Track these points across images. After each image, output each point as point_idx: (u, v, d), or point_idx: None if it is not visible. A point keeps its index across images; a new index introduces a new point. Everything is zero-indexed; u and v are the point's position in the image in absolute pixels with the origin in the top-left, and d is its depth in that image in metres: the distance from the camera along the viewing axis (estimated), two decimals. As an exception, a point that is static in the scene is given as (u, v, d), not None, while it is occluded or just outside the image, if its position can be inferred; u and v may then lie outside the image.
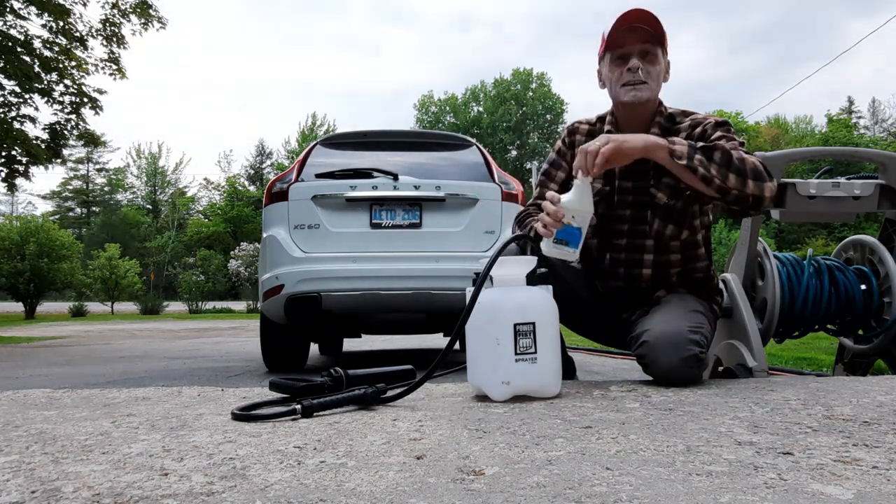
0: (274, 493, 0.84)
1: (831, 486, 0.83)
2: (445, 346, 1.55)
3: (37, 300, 22.46)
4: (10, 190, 11.65)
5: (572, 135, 2.07)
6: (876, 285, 2.34)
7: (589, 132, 2.05)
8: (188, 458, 1.03)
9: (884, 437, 1.10)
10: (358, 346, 6.80)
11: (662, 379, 1.74)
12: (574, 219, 1.63)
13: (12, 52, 9.58)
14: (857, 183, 2.33)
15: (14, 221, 24.94)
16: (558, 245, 1.64)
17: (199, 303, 26.98)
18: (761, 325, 2.32)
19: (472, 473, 0.91)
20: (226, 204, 45.74)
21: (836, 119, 48.12)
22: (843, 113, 49.99)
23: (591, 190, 1.66)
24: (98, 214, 50.96)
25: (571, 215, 1.62)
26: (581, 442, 1.10)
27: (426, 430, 1.21)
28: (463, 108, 51.11)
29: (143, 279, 30.13)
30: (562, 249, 1.65)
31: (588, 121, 2.09)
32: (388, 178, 3.78)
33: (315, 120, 47.70)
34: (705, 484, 0.84)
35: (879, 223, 2.54)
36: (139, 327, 13.38)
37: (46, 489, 0.87)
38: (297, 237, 3.71)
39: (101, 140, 12.15)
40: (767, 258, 2.36)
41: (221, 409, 1.52)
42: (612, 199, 1.96)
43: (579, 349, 5.83)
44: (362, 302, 3.57)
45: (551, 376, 1.55)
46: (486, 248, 3.74)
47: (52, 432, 1.27)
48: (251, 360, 5.07)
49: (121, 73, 10.96)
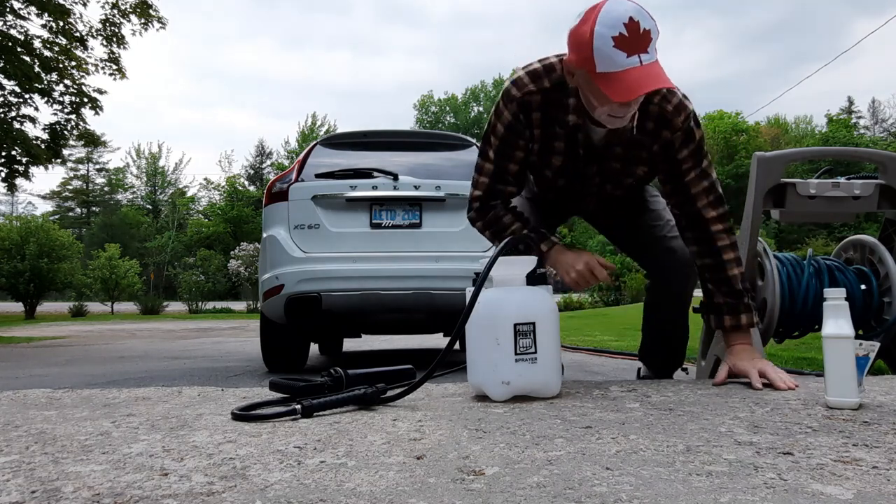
0: (274, 493, 0.84)
1: (831, 486, 0.83)
2: (445, 346, 1.55)
3: (37, 300, 22.46)
4: (10, 190, 11.66)
5: (526, 111, 1.78)
6: (876, 285, 2.34)
7: (545, 103, 1.76)
8: (188, 458, 1.03)
9: (884, 437, 1.10)
10: (358, 346, 6.80)
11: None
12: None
13: (12, 52, 9.59)
14: (857, 183, 2.33)
15: (14, 221, 24.93)
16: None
17: (199, 303, 26.96)
18: (761, 325, 2.32)
19: (472, 473, 0.91)
20: (226, 204, 45.74)
21: (836, 119, 48.13)
22: (843, 113, 50.01)
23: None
24: (98, 214, 50.96)
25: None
26: (581, 442, 1.10)
27: (426, 430, 1.21)
28: (463, 108, 51.11)
29: (143, 279, 30.11)
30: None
31: (537, 85, 1.75)
32: (388, 178, 3.78)
33: (315, 120, 47.77)
34: (705, 484, 0.84)
35: (879, 223, 2.54)
36: (139, 327, 13.37)
37: (46, 489, 0.87)
38: (297, 237, 3.71)
39: (101, 140, 12.17)
40: (767, 258, 2.36)
41: (221, 409, 1.51)
42: (574, 177, 1.92)
43: (579, 349, 5.83)
44: (362, 302, 3.57)
45: (551, 376, 1.55)
46: (486, 248, 3.73)
47: (52, 432, 1.27)
48: (251, 360, 5.07)
49: (121, 73, 10.97)
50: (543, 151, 1.85)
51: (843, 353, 1.36)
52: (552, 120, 1.78)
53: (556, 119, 1.78)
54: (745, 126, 47.63)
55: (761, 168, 2.30)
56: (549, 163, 1.88)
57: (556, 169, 1.89)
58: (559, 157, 1.85)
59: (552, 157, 1.86)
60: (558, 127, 1.79)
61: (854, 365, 1.36)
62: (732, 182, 41.96)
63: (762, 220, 2.52)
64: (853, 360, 1.36)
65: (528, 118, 1.79)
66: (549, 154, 1.86)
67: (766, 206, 2.36)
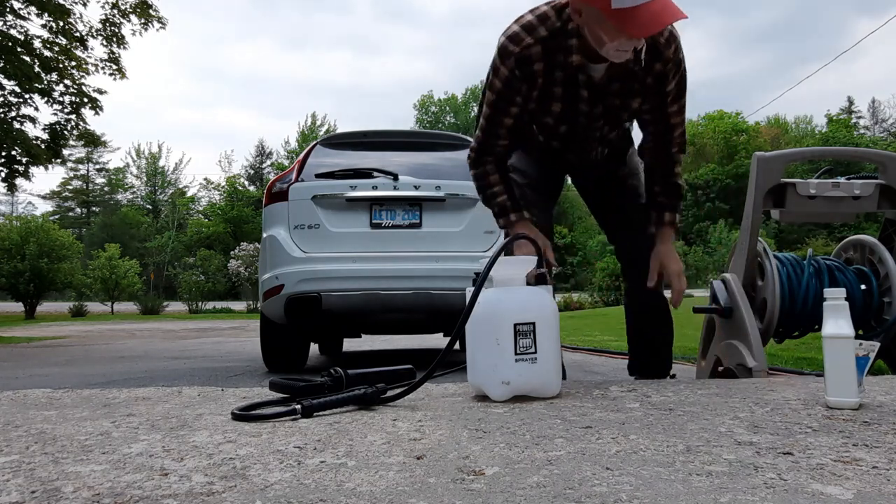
0: (274, 493, 0.84)
1: (831, 486, 0.83)
2: (445, 346, 1.55)
3: (37, 300, 22.46)
4: (10, 190, 11.66)
5: (526, 65, 1.79)
6: (876, 285, 2.34)
7: (546, 52, 1.77)
8: (188, 458, 1.03)
9: (884, 437, 1.10)
10: (358, 346, 6.80)
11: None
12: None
13: (12, 52, 9.59)
14: (857, 183, 2.33)
15: (14, 221, 24.93)
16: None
17: (199, 303, 26.95)
18: (761, 325, 2.32)
19: (472, 473, 0.91)
20: (226, 204, 45.76)
21: (836, 119, 48.14)
22: (843, 113, 50.02)
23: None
24: (98, 214, 50.96)
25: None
26: (581, 442, 1.10)
27: (426, 430, 1.21)
28: (463, 108, 51.12)
29: (143, 279, 30.10)
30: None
31: (534, 36, 1.76)
32: (388, 178, 3.78)
33: (315, 120, 47.80)
34: (705, 484, 0.84)
35: (879, 223, 2.54)
36: (139, 327, 13.37)
37: (46, 489, 0.87)
38: (297, 237, 3.71)
39: (101, 140, 12.17)
40: (767, 258, 2.36)
41: (221, 409, 1.51)
42: (575, 119, 1.95)
43: (579, 349, 5.83)
44: (362, 302, 3.57)
45: (551, 376, 1.55)
46: (485, 248, 3.74)
47: (52, 432, 1.27)
48: (251, 360, 5.07)
49: (121, 73, 10.97)
50: (543, 98, 1.89)
51: (843, 353, 1.36)
52: (553, 66, 1.81)
53: (558, 64, 1.81)
54: (745, 126, 47.62)
55: (761, 168, 2.30)
56: (548, 110, 1.92)
57: (557, 115, 1.93)
58: (558, 104, 1.90)
59: (551, 104, 1.90)
60: (559, 71, 1.82)
61: (854, 365, 1.36)
62: (732, 182, 41.97)
63: (762, 220, 2.51)
64: (853, 360, 1.36)
65: (527, 71, 1.81)
66: (548, 101, 1.89)
67: (766, 206, 2.37)
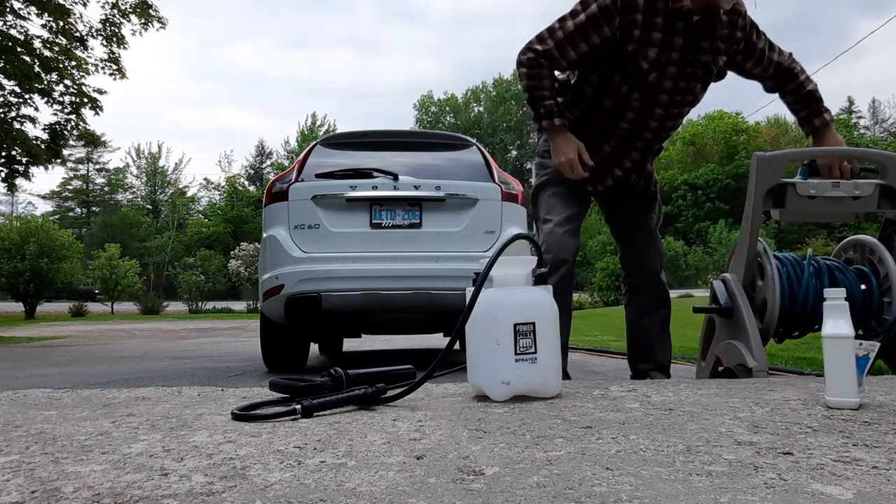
0: (274, 493, 0.84)
1: (831, 486, 0.83)
2: (445, 346, 1.55)
3: (37, 300, 22.45)
4: (10, 190, 11.67)
5: (630, 11, 1.94)
6: (876, 285, 2.33)
7: (647, 9, 1.94)
8: (188, 458, 1.03)
9: (884, 437, 1.10)
10: (358, 346, 6.80)
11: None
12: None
13: (12, 52, 9.58)
14: (857, 183, 2.33)
15: (14, 221, 24.92)
16: None
17: (199, 303, 26.94)
18: (761, 325, 2.31)
19: (472, 473, 0.91)
20: (226, 204, 45.76)
21: (836, 119, 47.94)
22: (843, 113, 49.99)
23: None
24: (98, 214, 50.96)
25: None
26: (581, 442, 1.10)
27: (426, 430, 1.21)
28: (463, 108, 51.12)
29: (143, 279, 30.10)
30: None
31: None
32: (388, 178, 3.78)
33: (315, 120, 47.80)
34: (705, 484, 0.84)
35: (879, 223, 2.54)
36: (139, 327, 13.37)
37: (46, 489, 0.87)
38: (297, 237, 3.71)
39: (100, 140, 12.17)
40: (767, 258, 2.35)
41: (221, 409, 1.51)
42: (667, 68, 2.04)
43: (579, 349, 5.83)
44: (362, 302, 3.57)
45: (551, 376, 1.55)
46: (486, 248, 3.74)
47: (52, 432, 1.27)
48: (251, 360, 5.07)
49: (121, 73, 10.96)
50: (643, 42, 1.97)
51: (843, 353, 1.36)
52: (655, 11, 1.92)
53: (659, 10, 1.92)
54: (745, 126, 47.60)
55: (761, 168, 2.29)
56: (644, 53, 2.00)
57: (651, 61, 2.01)
58: (654, 49, 1.98)
59: (649, 49, 1.99)
60: (658, 17, 1.93)
61: (854, 365, 1.36)
62: (732, 182, 41.93)
63: (762, 220, 2.51)
64: (853, 360, 1.36)
65: (628, 4, 1.93)
66: (646, 46, 1.98)
67: (766, 206, 2.36)
